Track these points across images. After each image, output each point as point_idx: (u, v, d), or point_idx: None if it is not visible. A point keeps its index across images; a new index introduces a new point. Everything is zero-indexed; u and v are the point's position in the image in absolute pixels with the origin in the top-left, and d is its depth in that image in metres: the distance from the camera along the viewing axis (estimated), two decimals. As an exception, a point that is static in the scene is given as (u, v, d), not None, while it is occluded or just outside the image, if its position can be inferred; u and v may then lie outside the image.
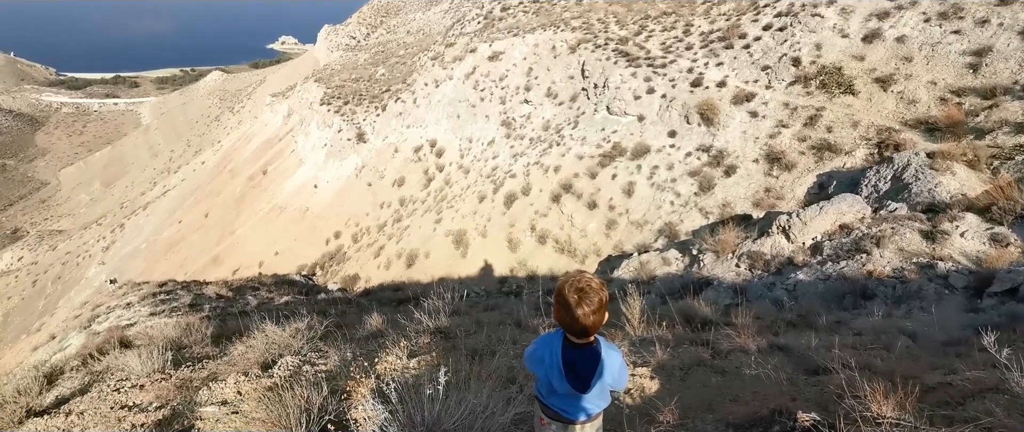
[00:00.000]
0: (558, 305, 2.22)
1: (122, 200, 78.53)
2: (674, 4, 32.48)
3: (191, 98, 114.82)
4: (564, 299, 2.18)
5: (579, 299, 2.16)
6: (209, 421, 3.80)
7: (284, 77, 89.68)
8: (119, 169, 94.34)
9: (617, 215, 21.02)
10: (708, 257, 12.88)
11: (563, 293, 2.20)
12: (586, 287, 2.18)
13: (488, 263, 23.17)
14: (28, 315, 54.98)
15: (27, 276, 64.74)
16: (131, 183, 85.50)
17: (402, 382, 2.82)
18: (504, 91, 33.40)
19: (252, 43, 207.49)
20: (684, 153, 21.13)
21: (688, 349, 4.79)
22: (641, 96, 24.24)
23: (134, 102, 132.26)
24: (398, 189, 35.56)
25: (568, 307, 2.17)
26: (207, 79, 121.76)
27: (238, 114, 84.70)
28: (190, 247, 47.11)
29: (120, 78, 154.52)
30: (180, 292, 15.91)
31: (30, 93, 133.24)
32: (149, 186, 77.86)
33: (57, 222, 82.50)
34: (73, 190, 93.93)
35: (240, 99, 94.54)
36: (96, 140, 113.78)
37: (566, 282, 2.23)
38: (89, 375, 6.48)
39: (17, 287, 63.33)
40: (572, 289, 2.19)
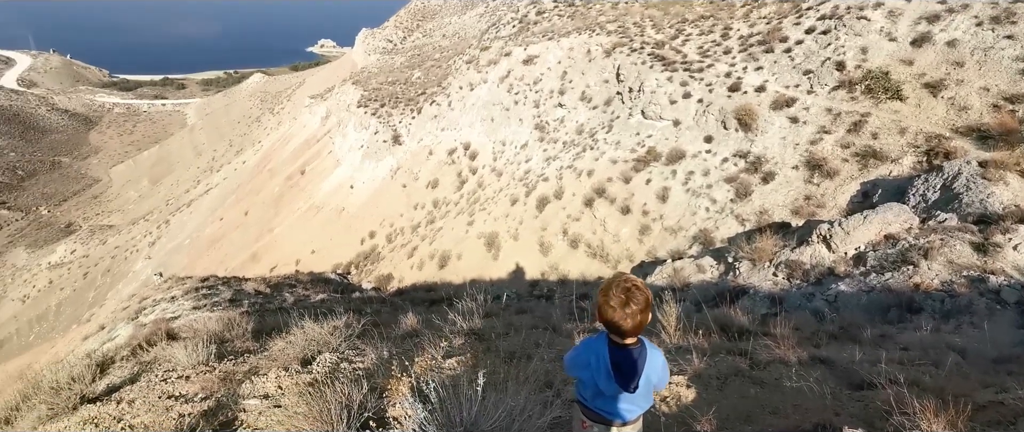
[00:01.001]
0: (604, 304, 2.26)
1: (168, 197, 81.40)
2: (712, 8, 32.00)
3: (234, 99, 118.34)
4: (610, 298, 2.23)
5: (626, 298, 2.21)
6: (252, 414, 3.92)
7: (322, 79, 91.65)
8: (165, 167, 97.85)
9: (651, 220, 20.79)
10: (744, 265, 12.62)
11: (609, 292, 2.25)
12: (632, 287, 2.23)
13: (519, 266, 23.20)
14: (79, 305, 57.47)
15: (79, 268, 67.64)
16: (176, 181, 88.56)
17: (439, 382, 2.86)
18: (538, 94, 33.43)
19: (292, 46, 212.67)
20: (720, 159, 20.77)
21: (725, 358, 4.71)
22: (677, 101, 23.94)
23: (180, 103, 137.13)
24: (432, 191, 35.92)
25: (614, 306, 2.21)
26: (249, 81, 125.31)
27: (278, 115, 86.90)
28: (230, 244, 48.51)
29: (168, 80, 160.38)
30: (221, 287, 16.41)
31: (85, 94, 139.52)
32: (193, 184, 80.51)
33: (107, 217, 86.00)
34: (123, 187, 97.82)
35: (280, 100, 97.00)
36: (145, 139, 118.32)
37: (612, 282, 2.29)
38: (138, 365, 6.74)
39: (70, 278, 66.23)
40: (618, 289, 2.23)
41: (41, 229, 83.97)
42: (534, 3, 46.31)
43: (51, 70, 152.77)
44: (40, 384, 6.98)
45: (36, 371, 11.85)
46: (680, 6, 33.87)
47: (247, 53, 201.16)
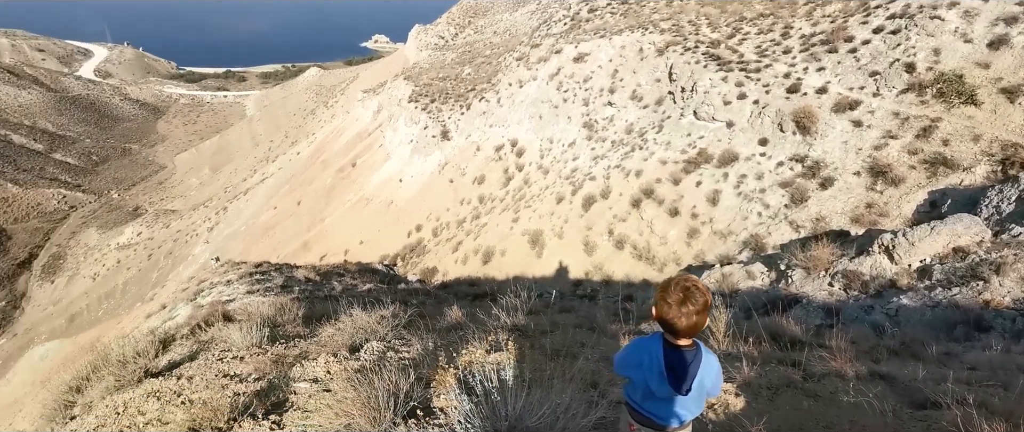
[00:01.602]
0: (662, 301, 2.23)
1: (226, 185, 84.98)
2: (772, 5, 30.94)
3: (290, 92, 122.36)
4: (668, 296, 2.20)
5: (684, 297, 2.16)
6: (302, 396, 4.04)
7: (375, 74, 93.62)
8: (225, 156, 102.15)
9: (700, 224, 20.32)
10: (797, 273, 12.18)
11: (668, 290, 2.22)
12: (692, 287, 2.19)
13: (563, 265, 23.10)
14: (143, 285, 60.77)
15: (144, 250, 71.51)
16: (235, 170, 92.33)
17: (485, 375, 2.88)
18: (588, 93, 33.16)
19: (347, 41, 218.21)
20: (775, 162, 20.09)
21: (776, 368, 4.55)
22: (731, 102, 23.28)
23: (241, 95, 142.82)
24: (478, 186, 36.19)
25: (672, 304, 2.18)
26: (305, 75, 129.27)
27: (331, 108, 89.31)
28: (283, 232, 50.25)
29: (230, 73, 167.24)
30: (273, 274, 17.00)
31: (154, 85, 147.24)
32: (250, 173, 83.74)
33: (171, 202, 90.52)
34: (186, 174, 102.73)
35: (334, 94, 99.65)
36: (207, 129, 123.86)
37: (673, 280, 2.25)
38: (197, 344, 7.07)
39: (135, 259, 70.10)
40: (678, 287, 2.20)
41: (111, 212, 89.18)
42: (586, 0, 45.92)
43: (125, 62, 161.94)
44: (109, 357, 7.41)
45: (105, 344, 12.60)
46: (738, 4, 32.89)
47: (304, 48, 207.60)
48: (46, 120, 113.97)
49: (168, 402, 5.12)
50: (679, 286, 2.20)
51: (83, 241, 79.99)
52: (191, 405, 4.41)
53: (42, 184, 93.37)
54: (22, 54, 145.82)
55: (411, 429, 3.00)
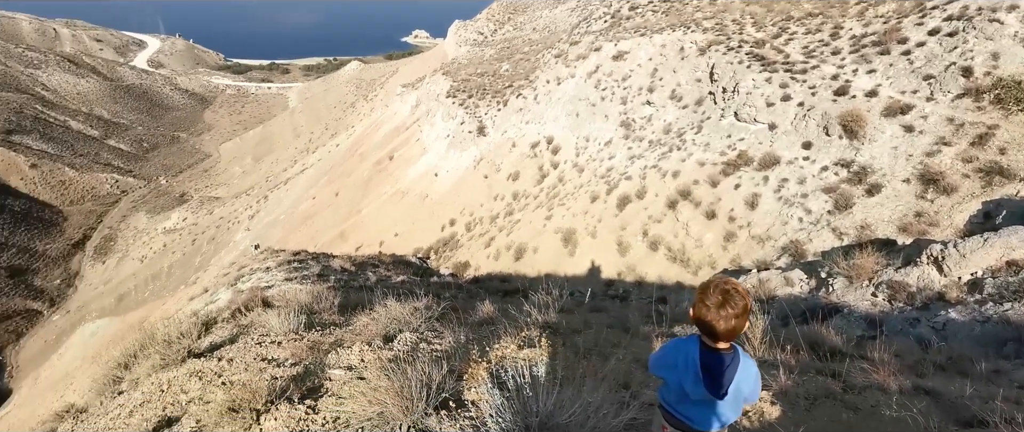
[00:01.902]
0: (700, 303, 2.20)
1: (268, 174, 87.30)
2: (822, 5, 29.98)
3: (331, 85, 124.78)
4: (707, 297, 2.17)
5: (723, 299, 2.14)
6: (337, 382, 4.14)
7: (415, 69, 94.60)
8: (267, 146, 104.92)
9: (737, 227, 19.90)
10: (839, 282, 11.81)
11: (707, 291, 2.20)
12: (732, 290, 2.16)
13: (595, 264, 22.96)
14: (187, 269, 63.00)
15: (188, 235, 74.10)
16: (276, 159, 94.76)
17: (517, 370, 2.89)
18: (626, 91, 32.80)
19: (388, 36, 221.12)
20: (819, 167, 19.50)
21: (814, 378, 4.43)
22: (775, 103, 22.69)
23: (284, 87, 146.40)
24: (512, 183, 36.24)
25: (710, 306, 2.15)
26: (346, 68, 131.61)
27: (371, 102, 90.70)
28: (321, 222, 51.35)
29: (274, 65, 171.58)
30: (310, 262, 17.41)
31: (202, 75, 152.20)
32: (291, 163, 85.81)
33: (215, 190, 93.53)
34: (229, 163, 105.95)
35: (374, 88, 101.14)
36: (251, 119, 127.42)
37: (712, 281, 2.23)
38: (237, 328, 7.30)
39: (180, 244, 72.71)
40: (717, 289, 2.17)
41: (160, 197, 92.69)
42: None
43: (176, 53, 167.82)
44: (155, 336, 7.73)
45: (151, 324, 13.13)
46: (785, 3, 31.99)
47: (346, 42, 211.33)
48: (102, 107, 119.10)
49: (209, 382, 5.32)
50: (718, 288, 2.17)
51: (133, 224, 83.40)
52: (231, 386, 4.55)
53: (97, 169, 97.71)
54: (82, 44, 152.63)
55: (442, 420, 3.04)
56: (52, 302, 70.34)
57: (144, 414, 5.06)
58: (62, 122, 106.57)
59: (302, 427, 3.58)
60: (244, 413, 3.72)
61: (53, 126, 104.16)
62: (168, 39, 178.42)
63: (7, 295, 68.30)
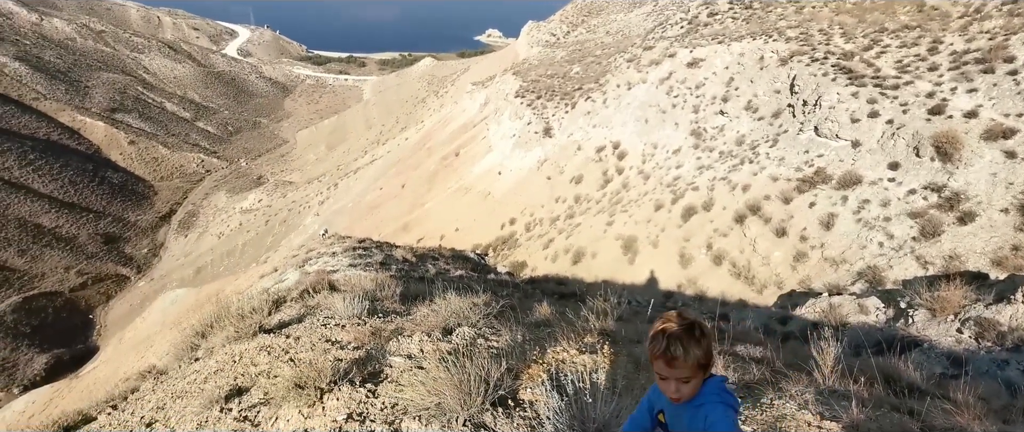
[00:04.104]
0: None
1: (339, 163, 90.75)
2: (921, 17, 28.08)
3: (404, 80, 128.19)
4: (652, 342, 1.85)
5: (654, 335, 1.85)
6: (396, 370, 4.26)
7: (486, 68, 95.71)
8: (340, 136, 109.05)
9: (809, 248, 18.97)
10: (920, 314, 11.02)
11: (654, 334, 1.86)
12: (676, 333, 1.80)
13: (654, 274, 22.48)
14: (259, 248, 66.46)
15: (262, 216, 78.14)
16: (348, 149, 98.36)
17: (577, 375, 2.88)
18: (699, 100, 31.92)
19: (462, 34, 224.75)
20: (906, 190, 18.28)
21: (889, 414, 4.16)
22: (860, 120, 21.47)
23: (360, 79, 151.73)
24: (575, 186, 36.03)
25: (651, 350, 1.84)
26: (420, 64, 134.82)
27: (441, 98, 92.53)
28: (386, 212, 52.88)
29: (352, 58, 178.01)
30: (374, 250, 17.94)
31: (285, 65, 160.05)
32: (361, 153, 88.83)
33: (289, 174, 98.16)
34: (304, 149, 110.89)
35: (445, 85, 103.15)
36: (327, 109, 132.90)
37: (662, 319, 1.90)
38: (304, 308, 7.63)
39: (255, 224, 76.78)
40: (660, 333, 1.84)
41: (239, 178, 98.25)
42: (707, 4, 44.12)
43: (263, 43, 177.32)
44: (230, 309, 8.19)
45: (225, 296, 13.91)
46: (880, 14, 30.17)
47: (422, 38, 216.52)
48: (194, 92, 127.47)
49: (277, 357, 5.59)
50: (663, 332, 1.84)
51: (214, 202, 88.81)
52: (297, 363, 4.76)
53: (186, 148, 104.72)
54: (181, 32, 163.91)
55: (498, 417, 3.07)
56: (139, 269, 75.98)
57: (217, 381, 5.38)
58: (159, 103, 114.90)
59: (362, 409, 3.70)
60: (309, 390, 3.89)
61: (151, 107, 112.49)
62: (257, 30, 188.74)
63: (101, 259, 74.34)
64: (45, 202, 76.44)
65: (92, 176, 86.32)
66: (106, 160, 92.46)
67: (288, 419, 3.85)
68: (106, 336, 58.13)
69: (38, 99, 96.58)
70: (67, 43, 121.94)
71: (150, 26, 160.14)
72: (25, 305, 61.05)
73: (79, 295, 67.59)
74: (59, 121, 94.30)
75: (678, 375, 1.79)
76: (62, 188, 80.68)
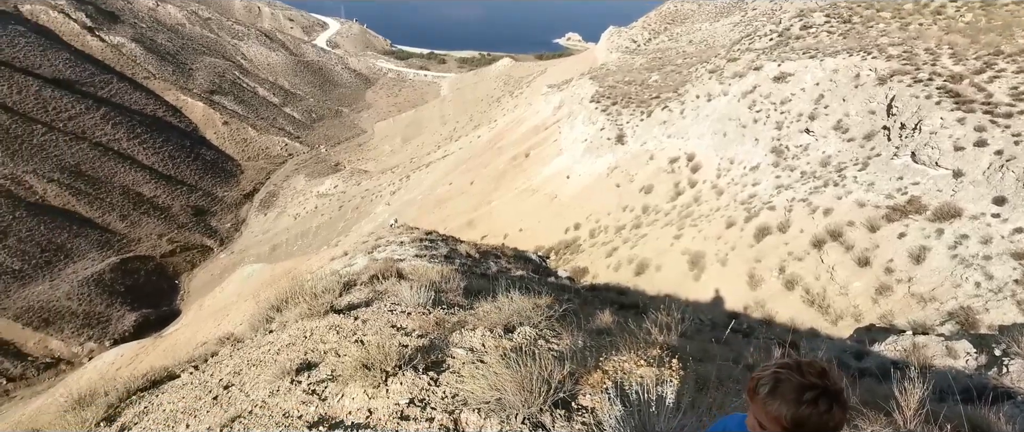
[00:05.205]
0: (781, 402, 1.56)
1: (412, 155, 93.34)
2: (1043, 41, 25.63)
3: (482, 78, 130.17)
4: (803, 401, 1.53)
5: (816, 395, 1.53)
6: (458, 361, 4.35)
7: (563, 71, 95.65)
8: (415, 130, 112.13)
9: (894, 281, 17.72)
10: (1017, 364, 10.06)
11: (790, 383, 1.57)
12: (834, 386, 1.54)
13: (720, 293, 21.70)
14: (331, 232, 69.42)
15: (336, 201, 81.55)
16: (421, 143, 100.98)
17: (642, 386, 2.84)
18: (783, 116, 30.53)
19: (542, 37, 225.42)
20: (1012, 228, 16.74)
21: (976, 468, 3.85)
22: (965, 148, 19.85)
23: (439, 76, 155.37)
24: (644, 196, 35.38)
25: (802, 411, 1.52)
26: (498, 64, 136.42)
27: (516, 99, 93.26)
28: (453, 207, 53.91)
29: (433, 54, 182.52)
30: (439, 244, 18.32)
31: (370, 58, 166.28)
32: (434, 148, 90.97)
33: (365, 163, 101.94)
34: (381, 141, 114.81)
35: (520, 86, 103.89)
36: (405, 103, 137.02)
37: (793, 367, 1.60)
38: (372, 292, 7.91)
39: (329, 208, 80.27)
40: (810, 375, 1.56)
41: (318, 163, 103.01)
42: (801, 16, 42.10)
43: (351, 36, 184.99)
44: (303, 287, 8.61)
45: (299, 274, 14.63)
46: (996, 35, 27.76)
47: (502, 38, 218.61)
48: (284, 79, 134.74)
49: (345, 337, 5.83)
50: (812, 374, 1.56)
51: (293, 185, 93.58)
52: (364, 345, 4.94)
53: (272, 132, 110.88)
54: (277, 22, 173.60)
55: (557, 418, 3.08)
56: (222, 242, 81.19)
57: (289, 354, 5.67)
58: (252, 88, 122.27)
59: (424, 396, 3.81)
60: (375, 372, 4.04)
61: (245, 91, 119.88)
62: (346, 23, 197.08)
63: (190, 230, 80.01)
64: (147, 173, 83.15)
65: (189, 152, 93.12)
66: (202, 138, 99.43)
67: (353, 397, 4.01)
68: (188, 301, 62.55)
69: (149, 78, 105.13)
70: (177, 28, 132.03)
71: (251, 15, 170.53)
72: (122, 266, 66.65)
73: (168, 261, 73.08)
74: (165, 99, 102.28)
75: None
76: (162, 161, 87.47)
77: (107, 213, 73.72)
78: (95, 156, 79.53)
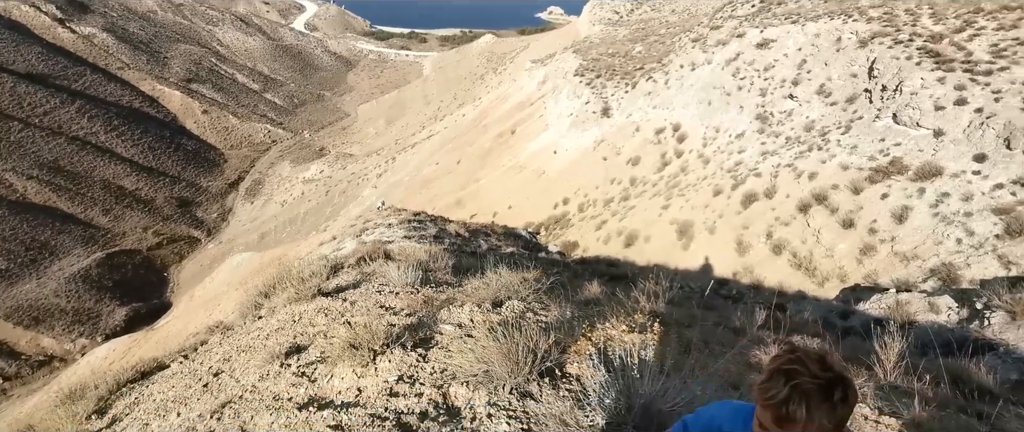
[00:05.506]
0: (792, 392, 1.37)
1: (397, 137, 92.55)
2: (1022, -3, 25.72)
3: (464, 56, 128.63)
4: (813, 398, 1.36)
5: (834, 394, 1.37)
6: (447, 337, 4.37)
7: (546, 45, 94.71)
8: (399, 111, 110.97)
9: (878, 241, 17.99)
10: (998, 317, 10.32)
11: (795, 373, 1.39)
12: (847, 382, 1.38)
13: (709, 261, 21.95)
14: (319, 216, 68.98)
15: (323, 186, 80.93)
16: (406, 124, 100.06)
17: (625, 352, 2.88)
18: (767, 82, 30.56)
19: (523, 12, 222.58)
20: (992, 184, 17.00)
21: (954, 415, 3.95)
22: (945, 107, 20.02)
23: (421, 55, 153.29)
24: (631, 168, 35.44)
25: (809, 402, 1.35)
26: (480, 41, 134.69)
27: (499, 75, 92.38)
28: (440, 187, 53.69)
29: (414, 33, 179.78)
30: (428, 224, 18.30)
31: (349, 40, 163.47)
32: (419, 128, 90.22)
33: (350, 147, 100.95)
34: (365, 123, 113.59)
35: (504, 62, 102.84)
36: (388, 84, 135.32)
37: (800, 357, 1.42)
38: (360, 274, 7.90)
39: (316, 193, 79.65)
40: (815, 367, 1.39)
41: (302, 149, 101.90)
42: (782, -19, 41.85)
43: (329, 18, 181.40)
44: (291, 272, 8.57)
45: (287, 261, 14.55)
46: (974, -7, 27.81)
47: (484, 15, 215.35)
48: (263, 64, 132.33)
49: (334, 319, 5.83)
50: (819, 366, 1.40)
51: (278, 172, 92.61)
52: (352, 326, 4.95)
53: (254, 119, 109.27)
54: (252, 5, 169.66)
55: (544, 387, 3.11)
56: (209, 232, 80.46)
57: (278, 339, 5.68)
58: (230, 75, 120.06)
59: (412, 372, 3.83)
60: (363, 351, 4.05)
61: (223, 78, 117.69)
62: (324, 4, 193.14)
63: (175, 222, 79.14)
64: (127, 166, 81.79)
65: (169, 143, 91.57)
66: (181, 128, 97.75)
67: (342, 377, 4.03)
68: (178, 293, 62.17)
69: (123, 68, 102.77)
70: (149, 15, 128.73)
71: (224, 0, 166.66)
72: (108, 261, 65.95)
73: (155, 254, 72.40)
74: (140, 90, 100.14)
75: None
76: (142, 153, 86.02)
77: (89, 208, 72.67)
78: (73, 151, 78.06)
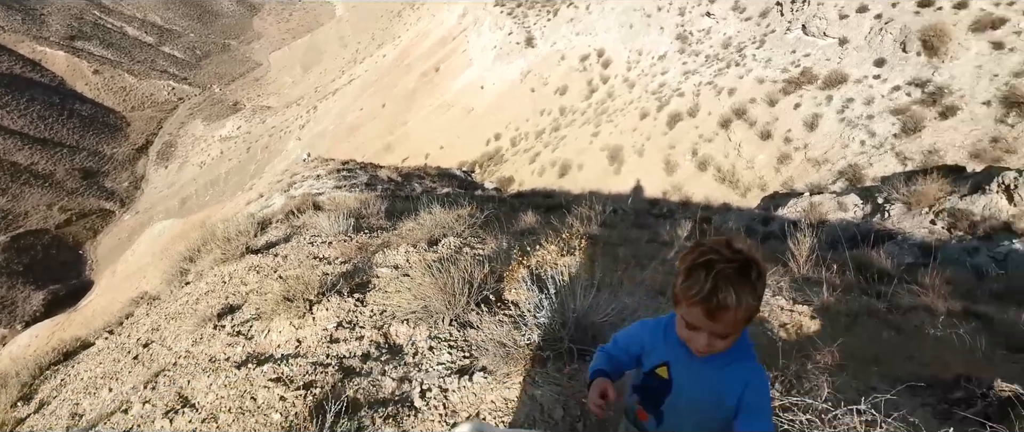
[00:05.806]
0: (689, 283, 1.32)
1: (316, 84, 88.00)
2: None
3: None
4: (693, 278, 1.31)
5: (691, 269, 1.32)
6: (383, 279, 4.34)
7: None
8: (315, 56, 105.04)
9: (792, 149, 19.09)
10: (896, 208, 11.32)
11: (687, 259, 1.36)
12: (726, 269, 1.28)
13: (640, 183, 22.66)
14: (243, 175, 65.66)
15: (243, 143, 76.62)
16: (324, 70, 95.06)
17: (556, 272, 2.96)
18: (685, 2, 30.82)
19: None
20: (890, 87, 18.19)
21: (858, 298, 4.36)
22: (849, 15, 20.95)
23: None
24: (560, 97, 35.45)
25: (696, 291, 1.30)
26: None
27: (417, 11, 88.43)
28: (367, 133, 52.03)
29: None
30: (358, 172, 17.81)
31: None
32: (338, 74, 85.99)
33: (266, 99, 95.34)
34: (279, 72, 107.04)
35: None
36: (299, 28, 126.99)
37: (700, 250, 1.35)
38: (290, 228, 7.65)
39: (236, 151, 75.41)
40: (695, 255, 1.34)
41: (214, 105, 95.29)
42: None
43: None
44: (216, 234, 8.18)
45: (212, 223, 13.89)
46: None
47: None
48: (155, 14, 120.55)
49: (266, 276, 5.66)
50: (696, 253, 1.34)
51: (190, 132, 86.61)
52: (285, 280, 4.82)
53: (154, 75, 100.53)
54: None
55: (483, 314, 3.17)
56: (122, 203, 75.16)
57: (209, 302, 5.47)
58: (119, 28, 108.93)
59: (351, 317, 3.80)
60: (298, 303, 3.97)
61: (111, 32, 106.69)
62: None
63: (82, 195, 73.26)
64: (17, 138, 74.14)
65: (60, 109, 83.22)
66: (72, 91, 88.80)
67: (280, 331, 3.95)
68: (99, 270, 58.48)
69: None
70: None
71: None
72: (14, 244, 60.78)
73: (66, 231, 67.22)
74: (19, 53, 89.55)
75: (718, 330, 1.33)
76: (32, 123, 77.98)
77: (-20, 190, 66.02)
78: (-51, 127, 69.81)
